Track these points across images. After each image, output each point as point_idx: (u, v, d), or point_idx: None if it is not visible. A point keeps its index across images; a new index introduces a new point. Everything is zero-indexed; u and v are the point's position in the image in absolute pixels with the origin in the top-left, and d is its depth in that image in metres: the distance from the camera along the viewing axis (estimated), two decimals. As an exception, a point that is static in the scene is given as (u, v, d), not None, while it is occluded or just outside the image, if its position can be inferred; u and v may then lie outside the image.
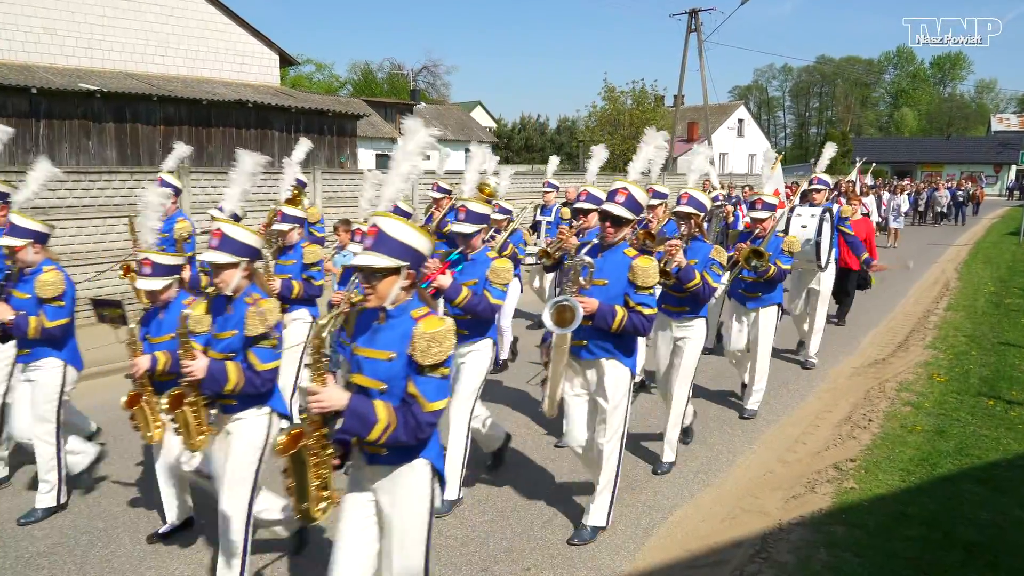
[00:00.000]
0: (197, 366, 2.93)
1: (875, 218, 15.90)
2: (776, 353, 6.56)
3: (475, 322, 3.90)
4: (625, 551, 3.62)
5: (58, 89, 12.08)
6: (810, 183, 6.93)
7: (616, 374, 3.59)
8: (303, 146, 6.19)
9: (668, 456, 4.58)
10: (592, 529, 3.69)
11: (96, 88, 12.51)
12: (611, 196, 3.53)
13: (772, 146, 60.03)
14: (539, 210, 7.90)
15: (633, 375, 3.67)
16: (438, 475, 2.43)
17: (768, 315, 5.46)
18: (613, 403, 3.59)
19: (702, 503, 4.16)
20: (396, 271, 2.27)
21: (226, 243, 2.94)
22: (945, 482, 4.34)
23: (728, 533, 3.81)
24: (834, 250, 7.03)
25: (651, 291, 3.45)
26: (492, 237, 5.99)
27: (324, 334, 2.30)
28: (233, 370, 2.92)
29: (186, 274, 3.65)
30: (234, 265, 2.96)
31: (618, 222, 3.50)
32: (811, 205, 6.69)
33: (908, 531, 3.75)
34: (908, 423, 5.32)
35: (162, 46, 14.73)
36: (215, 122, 14.36)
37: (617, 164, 22.37)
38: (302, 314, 4.97)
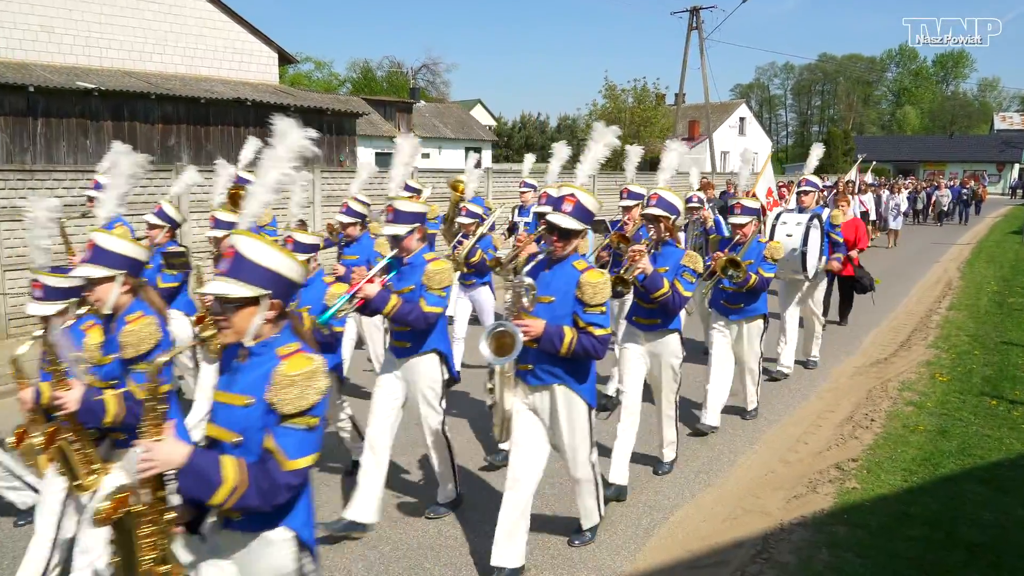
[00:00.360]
0: (69, 398, 2.58)
1: (873, 217, 15.81)
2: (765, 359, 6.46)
3: (416, 333, 3.57)
4: (626, 551, 3.59)
5: (56, 87, 12.05)
6: (798, 185, 6.73)
7: (569, 404, 3.22)
8: (251, 145, 5.88)
9: (668, 456, 4.53)
10: (591, 530, 3.65)
11: (94, 86, 12.48)
12: (556, 204, 3.15)
13: (774, 144, 59.51)
14: (516, 211, 7.59)
15: (591, 406, 3.27)
16: (306, 547, 2.02)
17: (752, 328, 5.17)
18: (570, 438, 3.25)
19: (703, 503, 4.13)
20: (255, 301, 1.94)
21: (98, 254, 2.61)
22: (948, 482, 4.32)
23: (729, 533, 3.78)
24: (824, 258, 6.62)
25: (603, 309, 3.07)
26: (460, 242, 5.68)
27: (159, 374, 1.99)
28: (112, 400, 2.58)
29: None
30: (109, 279, 2.63)
31: (565, 234, 3.13)
32: (800, 211, 6.43)
33: (910, 531, 3.72)
34: (910, 423, 5.29)
35: (160, 44, 14.69)
36: (213, 120, 14.33)
37: (617, 163, 22.29)
38: None
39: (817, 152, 7.14)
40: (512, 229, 7.64)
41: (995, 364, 6.83)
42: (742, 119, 41.63)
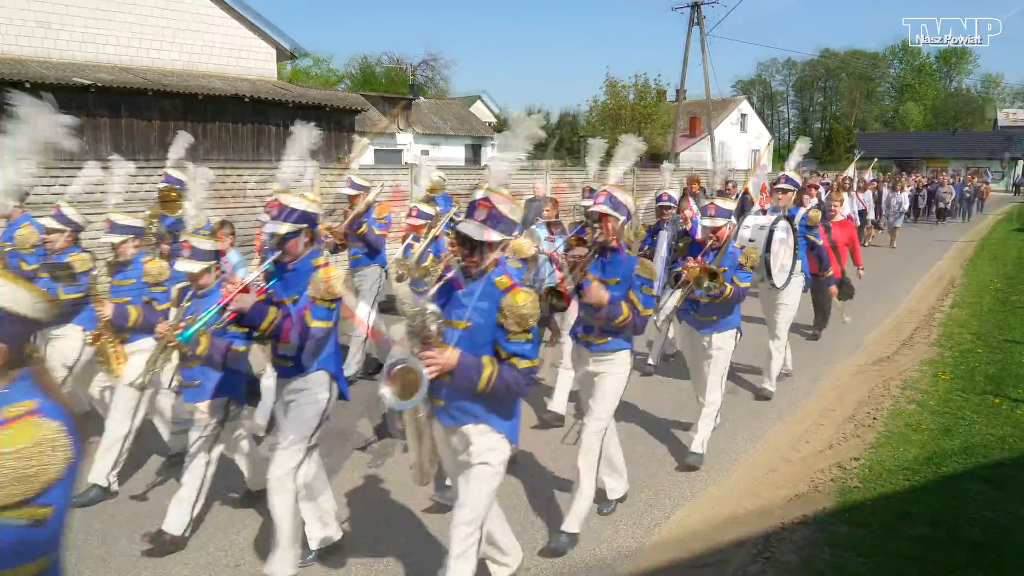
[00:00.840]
0: None
1: (871, 216, 15.69)
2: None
3: (300, 350, 3.07)
4: (627, 550, 3.56)
5: (52, 84, 11.98)
6: (777, 181, 6.06)
7: (486, 444, 2.68)
8: (181, 140, 5.55)
9: (614, 492, 3.87)
10: None
11: (91, 83, 12.43)
12: (469, 211, 2.62)
13: (775, 140, 59.01)
14: None
15: (512, 443, 2.77)
16: None
17: (722, 340, 4.50)
18: (474, 481, 2.66)
19: (704, 502, 4.10)
20: None
21: None
22: (950, 481, 4.28)
23: (731, 532, 3.75)
24: (800, 262, 5.88)
25: (528, 336, 2.58)
26: (410, 245, 5.25)
27: None
28: None
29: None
30: None
31: (479, 247, 2.56)
32: (771, 211, 5.80)
33: (912, 530, 3.69)
34: (913, 422, 5.25)
35: (158, 40, 14.63)
36: (211, 117, 14.27)
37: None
38: (147, 344, 3.97)
39: (801, 146, 6.24)
40: None
41: (998, 362, 6.79)
42: (743, 115, 41.53)
